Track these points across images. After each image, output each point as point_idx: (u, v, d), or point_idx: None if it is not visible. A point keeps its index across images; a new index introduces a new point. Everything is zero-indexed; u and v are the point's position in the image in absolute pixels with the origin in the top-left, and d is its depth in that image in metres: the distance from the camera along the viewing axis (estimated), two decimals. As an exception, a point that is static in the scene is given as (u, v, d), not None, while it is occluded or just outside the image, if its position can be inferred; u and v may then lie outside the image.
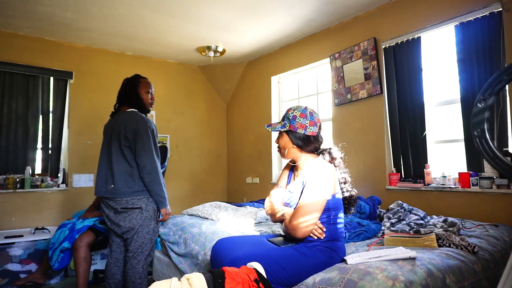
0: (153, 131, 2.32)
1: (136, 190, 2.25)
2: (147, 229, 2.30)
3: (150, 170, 2.23)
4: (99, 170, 2.36)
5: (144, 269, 2.31)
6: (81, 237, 2.70)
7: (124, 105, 2.44)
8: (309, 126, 1.65)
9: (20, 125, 3.77)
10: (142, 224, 2.27)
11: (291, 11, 3.34)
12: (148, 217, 2.29)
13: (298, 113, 1.67)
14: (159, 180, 2.27)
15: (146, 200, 2.28)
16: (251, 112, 4.87)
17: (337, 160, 1.72)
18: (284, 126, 1.69)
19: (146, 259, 2.32)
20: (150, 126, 2.30)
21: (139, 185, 2.26)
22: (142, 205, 2.27)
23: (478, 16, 2.61)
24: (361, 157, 3.40)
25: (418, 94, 2.98)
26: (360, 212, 2.55)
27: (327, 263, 1.52)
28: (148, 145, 2.25)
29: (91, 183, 4.12)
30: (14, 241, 3.11)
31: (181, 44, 4.18)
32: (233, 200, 5.14)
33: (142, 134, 2.25)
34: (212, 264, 1.67)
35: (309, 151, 1.70)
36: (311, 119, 1.66)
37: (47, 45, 3.93)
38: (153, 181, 2.25)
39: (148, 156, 2.24)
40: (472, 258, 1.66)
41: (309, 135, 1.66)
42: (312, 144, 1.68)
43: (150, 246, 2.33)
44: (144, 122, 2.29)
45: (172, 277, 1.26)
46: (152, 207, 2.32)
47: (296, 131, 1.66)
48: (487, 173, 2.59)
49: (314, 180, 1.57)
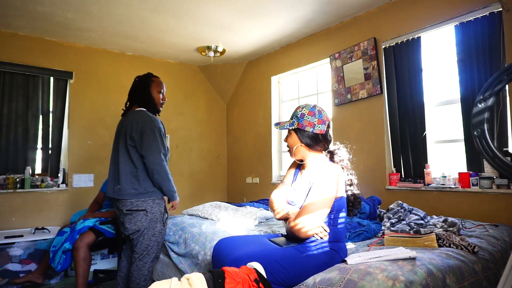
0: (160, 130, 2.26)
1: (141, 192, 2.21)
2: (153, 231, 2.25)
3: (159, 170, 2.20)
4: (109, 170, 2.34)
5: (149, 271, 2.28)
6: (81, 237, 2.70)
7: (135, 104, 2.39)
8: (317, 124, 1.64)
9: (20, 125, 3.77)
10: (147, 226, 2.23)
11: (291, 11, 3.34)
12: (154, 219, 2.24)
13: (306, 111, 1.66)
14: (168, 177, 2.24)
15: (151, 202, 2.23)
16: (251, 112, 4.87)
17: (344, 162, 1.71)
18: (292, 124, 1.68)
19: (153, 261, 2.29)
20: (157, 125, 2.25)
21: (144, 187, 2.22)
22: (147, 207, 2.22)
23: (478, 16, 2.61)
24: (361, 157, 3.40)
25: (418, 94, 2.98)
26: (360, 212, 2.55)
27: (329, 264, 1.52)
28: (155, 145, 2.19)
29: (91, 183, 4.12)
30: (14, 241, 3.11)
31: (181, 44, 4.18)
32: (233, 200, 5.14)
33: (149, 134, 2.19)
34: (213, 264, 1.67)
35: (317, 149, 1.69)
36: (319, 117, 1.65)
37: (47, 45, 3.93)
38: (163, 180, 2.21)
39: (156, 157, 2.19)
40: (472, 258, 1.66)
41: (317, 133, 1.65)
42: (321, 142, 1.67)
43: (156, 248, 2.29)
44: (150, 121, 2.24)
45: (172, 277, 1.26)
46: (158, 209, 2.26)
47: (304, 129, 1.65)
48: (487, 173, 2.59)
49: (321, 181, 1.56)
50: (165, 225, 2.34)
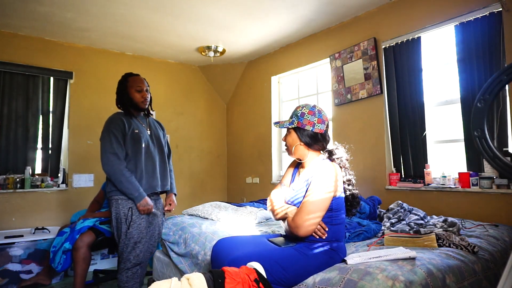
0: (113, 130, 2.21)
1: (108, 191, 2.27)
2: (119, 232, 2.22)
3: (108, 171, 2.18)
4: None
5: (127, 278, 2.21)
6: (81, 237, 2.70)
7: (120, 107, 2.42)
8: (317, 123, 1.66)
9: (20, 125, 3.77)
10: (116, 227, 2.24)
11: (291, 11, 3.34)
12: (119, 220, 2.21)
13: (306, 110, 1.68)
14: (119, 178, 2.16)
15: (114, 203, 2.23)
16: (251, 112, 4.87)
17: (342, 161, 1.72)
18: (292, 123, 1.69)
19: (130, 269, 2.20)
20: (110, 125, 2.23)
21: (109, 187, 2.25)
22: (112, 209, 2.25)
23: (478, 16, 2.61)
24: (361, 157, 3.40)
25: (418, 94, 2.98)
26: (360, 212, 2.55)
27: (328, 264, 1.52)
28: (103, 146, 2.21)
29: (91, 183, 4.12)
30: (14, 241, 3.11)
31: (181, 44, 4.18)
32: (233, 200, 5.14)
33: (102, 136, 2.25)
34: (212, 264, 1.67)
35: (316, 149, 1.70)
36: (319, 116, 1.67)
37: (47, 45, 3.93)
38: (114, 180, 2.18)
39: (103, 157, 2.19)
40: (472, 258, 1.66)
41: (316, 133, 1.66)
42: (320, 142, 1.69)
43: (127, 252, 2.20)
44: (106, 123, 2.27)
45: (172, 277, 1.26)
46: (122, 211, 2.20)
47: (304, 128, 1.66)
48: (487, 173, 2.59)
49: (319, 179, 1.56)
50: (131, 227, 2.20)
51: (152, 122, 2.54)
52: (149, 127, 2.46)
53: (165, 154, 2.50)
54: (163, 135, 2.57)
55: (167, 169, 2.49)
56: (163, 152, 2.48)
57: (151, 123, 2.52)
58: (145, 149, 2.32)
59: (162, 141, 2.51)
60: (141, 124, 2.41)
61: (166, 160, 2.50)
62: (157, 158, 2.41)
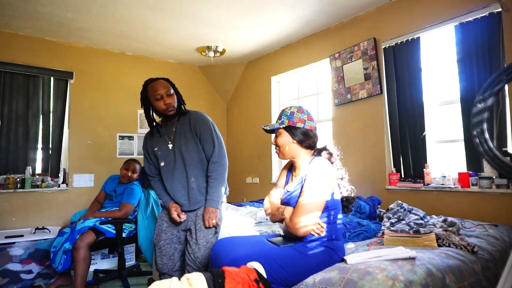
0: (143, 150, 2.32)
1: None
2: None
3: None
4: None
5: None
6: (81, 237, 2.71)
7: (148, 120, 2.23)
8: (307, 120, 1.70)
9: (20, 125, 3.78)
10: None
11: (291, 11, 3.35)
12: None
13: (295, 109, 1.72)
14: (155, 192, 2.32)
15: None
16: (251, 112, 4.87)
17: (333, 157, 1.73)
18: (282, 123, 1.71)
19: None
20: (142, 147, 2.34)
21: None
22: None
23: (478, 16, 2.61)
24: (361, 157, 3.40)
25: (417, 94, 2.99)
26: (360, 212, 2.55)
27: (327, 263, 1.52)
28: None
29: (92, 183, 4.12)
30: (15, 241, 3.12)
31: (181, 44, 4.18)
32: (233, 200, 5.14)
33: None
34: (212, 264, 1.67)
35: (307, 146, 1.71)
36: (308, 114, 1.72)
37: (47, 45, 3.93)
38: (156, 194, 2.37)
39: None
40: (472, 258, 1.66)
41: (308, 129, 1.69)
42: (311, 138, 1.71)
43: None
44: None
45: (172, 277, 1.27)
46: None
47: (295, 125, 1.68)
48: (486, 173, 2.60)
49: (314, 178, 1.57)
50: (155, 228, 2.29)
51: (181, 127, 2.17)
52: (174, 136, 2.16)
53: (194, 165, 2.14)
54: (195, 134, 2.15)
55: (195, 183, 2.14)
56: (191, 164, 2.13)
57: (179, 129, 2.17)
58: (164, 168, 2.16)
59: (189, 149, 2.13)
60: (164, 138, 2.17)
61: (196, 173, 2.15)
62: (179, 175, 2.14)
